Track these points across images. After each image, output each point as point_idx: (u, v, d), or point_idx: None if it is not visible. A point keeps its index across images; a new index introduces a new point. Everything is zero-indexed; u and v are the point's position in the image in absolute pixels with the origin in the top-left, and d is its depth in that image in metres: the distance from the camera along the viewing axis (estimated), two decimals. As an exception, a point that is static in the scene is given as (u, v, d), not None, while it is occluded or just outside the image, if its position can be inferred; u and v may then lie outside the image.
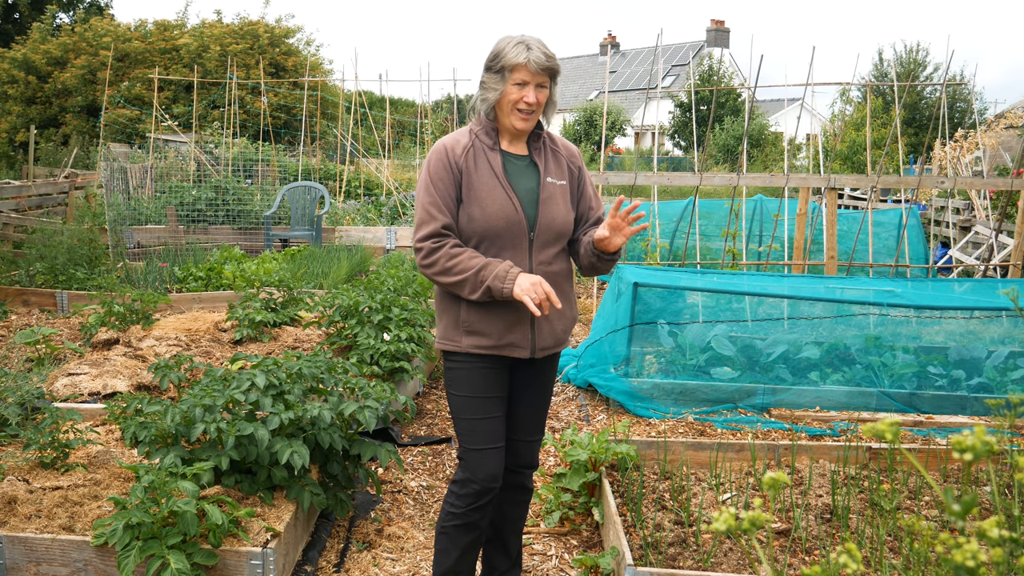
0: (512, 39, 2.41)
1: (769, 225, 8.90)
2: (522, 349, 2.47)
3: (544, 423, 2.69)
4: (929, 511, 3.33)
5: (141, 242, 9.16)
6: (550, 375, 2.66)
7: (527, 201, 2.44)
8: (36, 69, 18.98)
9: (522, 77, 2.37)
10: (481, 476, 2.49)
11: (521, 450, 2.66)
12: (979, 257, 9.23)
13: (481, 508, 2.53)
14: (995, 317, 5.19)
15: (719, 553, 2.96)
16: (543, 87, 2.41)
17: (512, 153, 2.50)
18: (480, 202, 2.40)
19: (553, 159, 2.54)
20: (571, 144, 2.64)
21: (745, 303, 5.50)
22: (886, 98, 22.33)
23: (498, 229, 2.40)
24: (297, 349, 5.18)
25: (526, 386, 2.60)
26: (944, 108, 9.34)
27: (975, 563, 0.87)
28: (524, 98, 2.38)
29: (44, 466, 3.25)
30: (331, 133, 17.35)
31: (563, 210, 2.48)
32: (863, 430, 1.07)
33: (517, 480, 2.68)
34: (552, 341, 2.53)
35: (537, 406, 2.64)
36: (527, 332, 2.47)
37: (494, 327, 2.44)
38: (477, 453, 2.50)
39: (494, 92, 2.41)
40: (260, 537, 2.72)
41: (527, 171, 2.49)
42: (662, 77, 33.81)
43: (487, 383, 2.49)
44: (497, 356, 2.47)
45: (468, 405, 2.51)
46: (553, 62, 2.40)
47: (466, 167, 2.43)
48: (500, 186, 2.41)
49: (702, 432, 4.46)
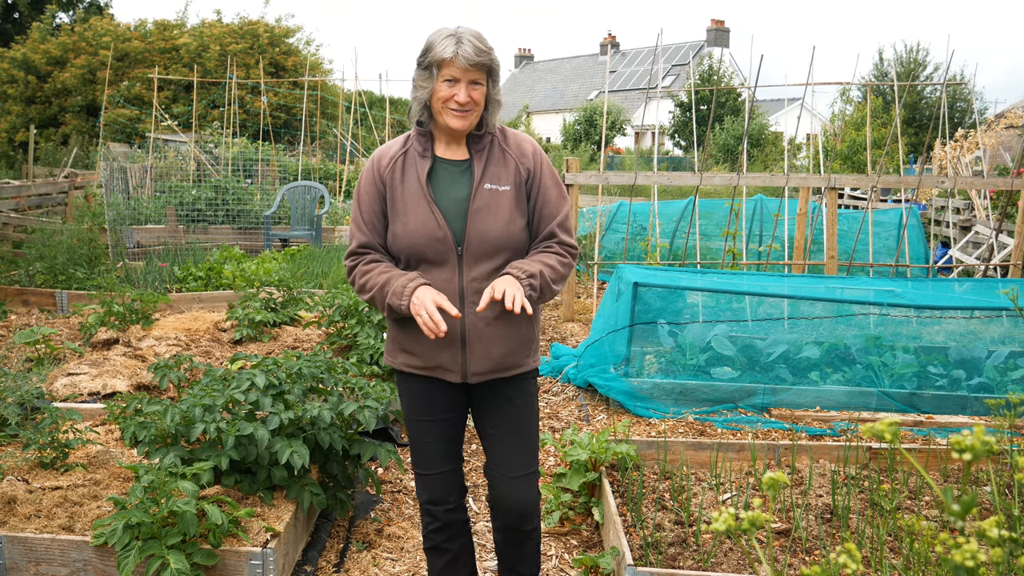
0: (443, 32, 2.17)
1: (769, 225, 8.90)
2: (452, 373, 2.25)
3: (525, 459, 2.36)
4: (929, 511, 3.33)
5: (141, 242, 9.16)
6: (515, 403, 2.33)
7: (454, 213, 2.20)
8: (36, 69, 18.99)
9: (451, 73, 2.13)
10: (424, 499, 2.40)
11: (500, 488, 2.36)
12: (979, 257, 9.23)
13: (440, 531, 2.41)
14: (995, 317, 5.19)
15: (719, 553, 2.96)
16: (477, 84, 2.16)
17: (447, 159, 2.26)
18: (403, 217, 2.21)
19: (498, 162, 2.26)
20: (527, 140, 2.34)
21: (745, 303, 5.50)
22: (886, 98, 22.34)
23: (420, 246, 2.19)
24: (297, 349, 5.18)
25: (485, 413, 2.36)
26: (944, 108, 9.34)
27: (975, 563, 0.87)
28: (454, 97, 2.14)
29: (44, 466, 3.25)
30: (331, 133, 17.35)
31: (502, 220, 2.20)
32: (863, 430, 1.07)
33: (506, 521, 2.40)
34: (488, 366, 2.24)
35: (505, 439, 2.34)
36: (457, 354, 2.23)
37: (421, 346, 2.25)
38: (419, 476, 2.40)
39: (423, 90, 2.19)
40: (260, 537, 2.72)
41: (461, 178, 2.24)
42: (662, 77, 33.82)
43: (424, 404, 2.32)
44: (430, 378, 2.29)
45: (409, 426, 2.38)
46: (486, 57, 2.14)
47: (391, 180, 2.24)
48: (423, 198, 2.20)
49: (702, 432, 4.46)
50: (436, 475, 2.38)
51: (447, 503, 2.41)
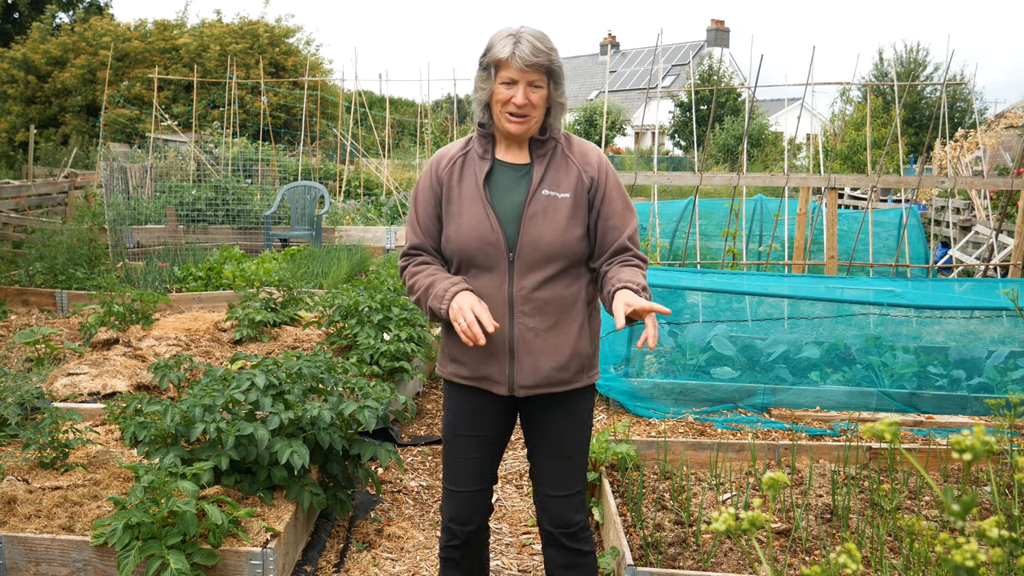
0: (504, 31, 2.10)
1: (769, 225, 8.90)
2: (499, 385, 2.17)
3: (567, 479, 2.26)
4: (929, 511, 3.33)
5: (141, 242, 9.16)
6: (564, 421, 2.24)
7: (509, 218, 2.12)
8: (36, 69, 18.98)
9: (509, 75, 2.07)
10: (447, 516, 2.32)
11: (546, 504, 2.28)
12: (979, 257, 9.23)
13: (456, 548, 2.33)
14: (995, 317, 5.19)
15: (719, 553, 2.96)
16: (537, 86, 2.09)
17: (507, 162, 2.19)
18: (457, 219, 2.15)
19: (559, 168, 2.17)
20: (593, 148, 2.24)
21: (745, 303, 5.50)
22: (886, 98, 22.34)
23: (471, 249, 2.13)
24: (297, 349, 5.18)
25: (531, 428, 2.28)
26: (944, 108, 9.34)
27: (974, 563, 0.87)
28: (512, 99, 2.07)
29: (44, 466, 3.25)
30: (331, 133, 17.35)
31: (557, 227, 2.11)
32: (863, 430, 1.07)
33: (551, 538, 2.30)
34: (535, 380, 2.15)
35: (549, 456, 2.26)
36: (504, 365, 2.15)
37: (469, 355, 2.18)
38: (447, 492, 2.32)
39: (483, 92, 2.13)
40: (260, 537, 2.72)
41: (520, 183, 2.17)
42: (662, 77, 33.77)
43: (466, 419, 2.25)
44: (478, 389, 2.22)
45: (448, 439, 2.30)
46: (545, 57, 2.07)
47: (448, 181, 2.18)
48: (480, 200, 2.13)
49: (702, 432, 4.46)
50: (465, 493, 2.28)
51: (471, 524, 2.30)
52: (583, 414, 2.27)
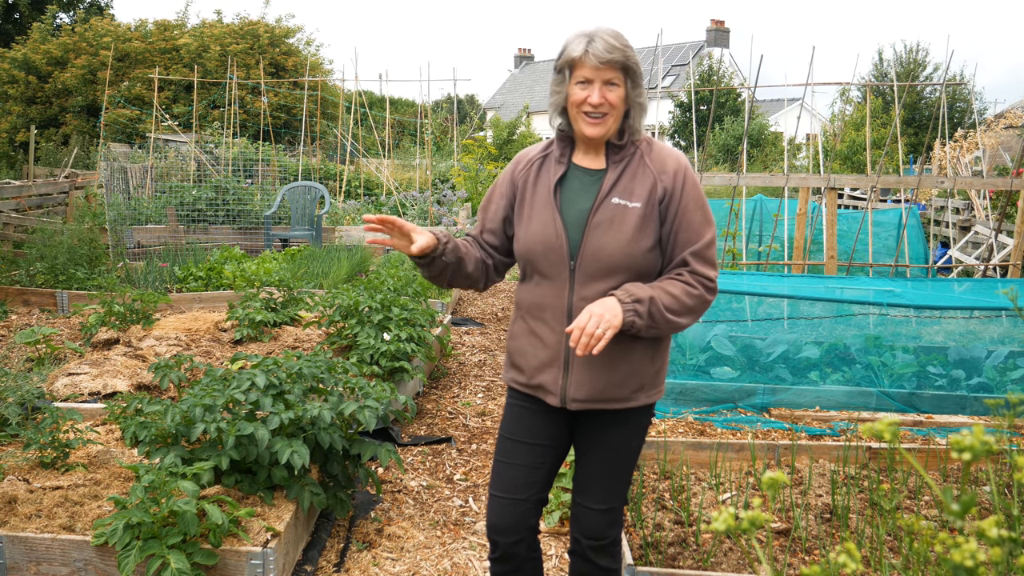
0: (577, 32, 2.04)
1: (769, 225, 8.91)
2: (552, 395, 2.12)
3: (605, 494, 2.19)
4: (929, 511, 3.33)
5: (141, 242, 9.16)
6: (613, 439, 2.17)
7: (576, 224, 2.07)
8: (36, 69, 18.98)
9: (584, 74, 2.01)
10: (488, 523, 2.24)
11: (580, 514, 2.22)
12: (979, 257, 9.23)
13: (500, 562, 2.24)
14: (995, 317, 5.19)
15: (719, 553, 2.96)
16: (613, 85, 2.01)
17: (584, 167, 2.13)
18: (526, 222, 2.12)
19: (634, 175, 2.08)
20: (673, 156, 2.13)
21: (745, 303, 5.50)
22: (886, 98, 22.35)
23: (535, 254, 2.09)
24: (297, 349, 5.18)
25: (580, 441, 2.22)
26: (944, 108, 9.35)
27: (974, 563, 0.88)
28: (588, 98, 2.01)
29: (44, 466, 3.26)
30: (331, 133, 17.36)
31: (623, 237, 2.03)
32: (863, 430, 1.07)
33: (578, 547, 2.23)
34: (587, 394, 2.09)
35: (595, 467, 2.19)
36: (558, 376, 2.11)
37: (528, 362, 2.16)
38: (490, 498, 2.25)
39: (558, 95, 2.09)
40: (260, 537, 2.72)
41: (591, 189, 2.10)
42: (662, 77, 33.82)
43: (520, 424, 2.21)
44: (534, 397, 2.18)
45: (499, 442, 2.27)
46: (620, 54, 1.99)
47: (523, 183, 2.16)
48: (550, 205, 2.09)
49: (702, 432, 4.46)
50: (505, 500, 2.20)
51: (511, 535, 2.20)
52: (636, 433, 2.19)
